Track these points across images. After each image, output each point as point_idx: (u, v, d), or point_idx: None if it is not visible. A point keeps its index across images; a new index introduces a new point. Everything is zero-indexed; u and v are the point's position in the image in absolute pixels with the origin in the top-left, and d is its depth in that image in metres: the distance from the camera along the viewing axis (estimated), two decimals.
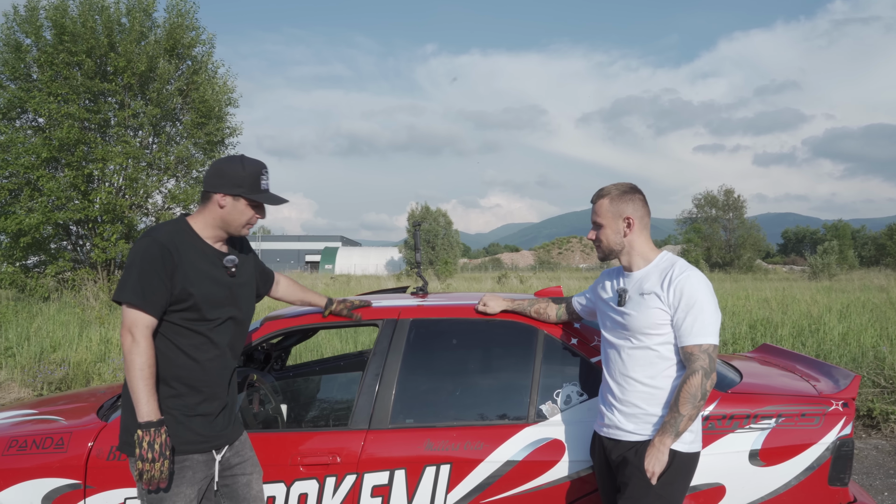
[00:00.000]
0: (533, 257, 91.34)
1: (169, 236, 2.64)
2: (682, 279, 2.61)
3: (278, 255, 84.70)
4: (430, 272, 34.99)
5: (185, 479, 2.67)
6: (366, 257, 77.35)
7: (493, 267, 65.50)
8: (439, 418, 3.29)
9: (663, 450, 2.52)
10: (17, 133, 13.85)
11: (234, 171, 2.68)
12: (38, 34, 14.18)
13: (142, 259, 2.56)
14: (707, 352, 2.55)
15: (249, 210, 2.72)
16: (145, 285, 2.54)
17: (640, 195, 2.79)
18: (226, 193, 2.68)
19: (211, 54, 16.21)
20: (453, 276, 37.96)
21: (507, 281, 24.12)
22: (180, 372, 2.65)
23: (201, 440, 2.71)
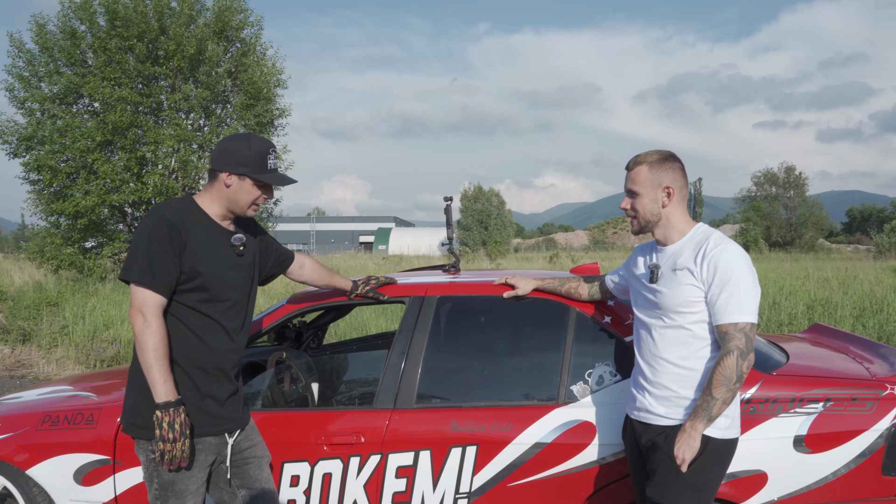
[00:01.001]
0: (587, 237, 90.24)
1: (176, 214, 2.58)
2: (716, 253, 2.44)
3: (332, 236, 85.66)
4: (482, 252, 34.84)
5: (196, 462, 2.63)
6: (419, 238, 77.58)
7: (547, 247, 64.95)
8: (466, 398, 3.19)
9: (694, 435, 2.37)
10: (74, 118, 14.17)
11: (239, 150, 2.61)
12: (92, 20, 14.44)
13: (149, 237, 2.51)
14: (743, 331, 2.38)
15: (255, 190, 2.65)
16: (153, 264, 2.48)
17: (680, 164, 2.62)
18: (231, 172, 2.61)
19: (259, 36, 16.31)
20: (505, 256, 37.72)
21: (558, 261, 23.82)
22: (191, 354, 2.60)
23: (214, 423, 2.67)
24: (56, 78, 14.16)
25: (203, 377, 2.63)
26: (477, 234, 62.06)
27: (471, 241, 60.14)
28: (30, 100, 14.23)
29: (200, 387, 2.63)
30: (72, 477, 3.32)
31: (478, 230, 63.86)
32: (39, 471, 3.36)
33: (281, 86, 16.73)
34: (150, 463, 2.62)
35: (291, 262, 3.10)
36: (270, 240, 3.02)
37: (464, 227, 66.37)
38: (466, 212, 66.88)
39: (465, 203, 67.24)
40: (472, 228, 64.54)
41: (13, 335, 9.87)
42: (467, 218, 66.43)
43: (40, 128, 13.93)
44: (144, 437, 2.60)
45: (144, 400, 2.60)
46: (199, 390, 2.63)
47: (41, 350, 9.40)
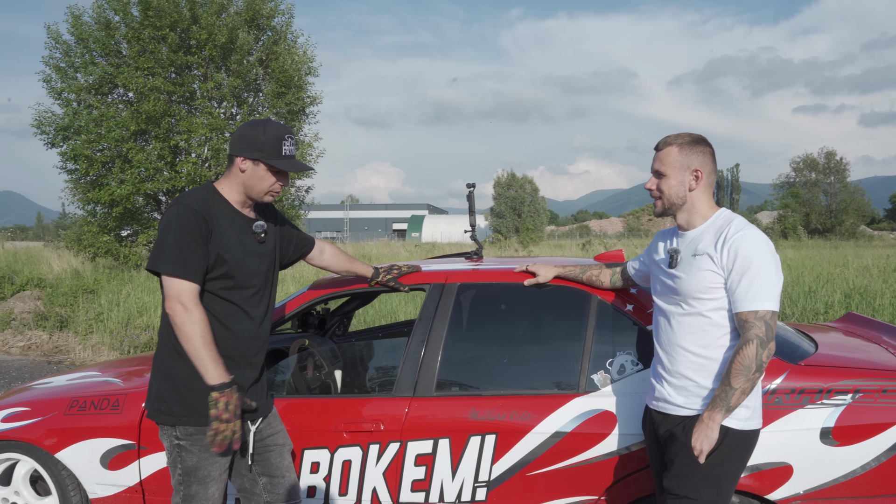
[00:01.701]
0: (622, 224, 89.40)
1: (200, 203, 2.59)
2: (737, 238, 2.38)
3: (366, 224, 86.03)
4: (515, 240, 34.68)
5: None
6: (452, 225, 77.50)
7: (581, 234, 64.49)
8: (485, 386, 3.17)
9: (712, 426, 2.32)
10: (109, 108, 14.39)
11: (254, 135, 2.60)
12: (125, 11, 14.63)
13: (177, 226, 2.51)
14: (764, 319, 2.32)
15: (270, 176, 2.63)
16: (184, 253, 2.49)
17: (711, 149, 2.55)
18: (246, 157, 2.61)
19: (290, 24, 16.36)
20: (538, 243, 37.53)
21: (591, 248, 23.64)
22: (216, 341, 2.60)
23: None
24: (91, 69, 14.39)
25: (228, 365, 2.63)
26: (510, 222, 61.80)
27: (504, 228, 59.94)
28: (66, 90, 14.49)
29: None
30: (98, 461, 3.38)
31: (511, 217, 63.58)
32: (67, 454, 3.43)
33: (312, 73, 16.81)
34: (174, 448, 2.64)
35: (312, 247, 3.10)
36: (290, 226, 3.02)
37: (497, 214, 66.12)
38: (499, 199, 66.59)
39: (498, 190, 66.94)
40: (506, 216, 64.26)
41: (51, 321, 10.09)
42: (500, 205, 66.15)
43: (77, 118, 14.18)
44: (168, 423, 2.63)
45: (169, 386, 2.62)
46: None
47: (77, 336, 9.60)
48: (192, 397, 2.60)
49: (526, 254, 21.99)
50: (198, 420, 2.61)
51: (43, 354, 9.50)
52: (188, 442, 2.62)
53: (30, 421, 3.52)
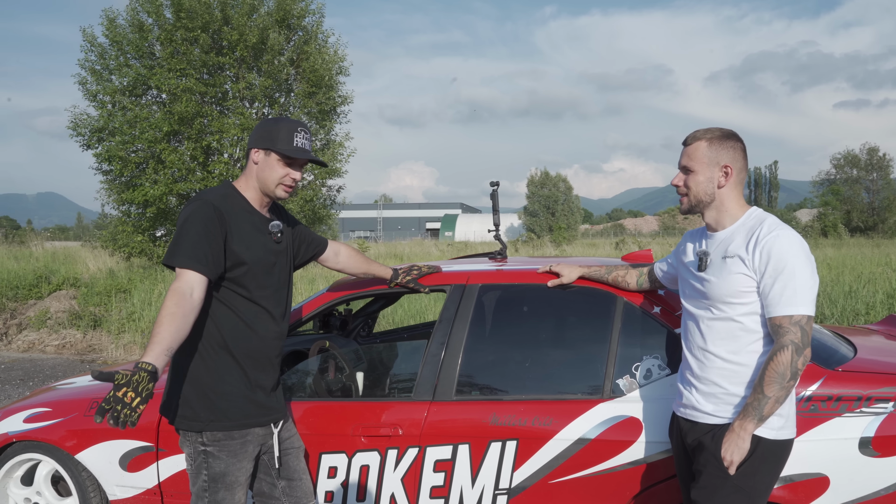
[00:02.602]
0: (657, 223, 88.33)
1: (220, 199, 2.56)
2: (770, 239, 2.25)
3: (399, 223, 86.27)
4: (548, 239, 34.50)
5: (246, 454, 2.61)
6: (485, 224, 77.28)
7: (615, 233, 63.88)
8: (506, 390, 3.08)
9: (744, 436, 2.19)
10: (143, 109, 14.56)
11: (268, 127, 2.60)
12: (158, 13, 14.79)
13: (194, 221, 2.46)
14: (799, 324, 2.19)
15: (282, 167, 2.59)
16: (198, 246, 2.43)
17: (742, 144, 2.43)
18: (258, 148, 2.60)
19: (321, 24, 16.40)
20: (572, 242, 37.23)
21: (624, 247, 23.34)
22: (242, 342, 2.57)
23: (263, 413, 2.65)
24: (125, 70, 14.57)
25: (253, 366, 2.60)
26: (544, 220, 61.50)
27: (537, 227, 59.65)
28: (101, 93, 14.69)
29: (251, 376, 2.60)
30: (117, 462, 3.36)
31: (544, 216, 63.25)
32: (87, 456, 3.42)
33: (343, 73, 16.83)
34: (198, 455, 2.58)
35: (325, 249, 3.04)
36: (302, 227, 2.98)
37: (530, 213, 65.83)
38: (533, 198, 66.30)
39: (532, 189, 66.66)
40: (539, 214, 63.96)
41: (85, 320, 10.22)
42: (534, 204, 65.85)
43: (111, 120, 14.37)
44: (195, 430, 2.57)
45: (195, 391, 2.57)
46: (250, 380, 2.60)
47: (110, 335, 9.71)
48: (221, 402, 2.56)
49: (558, 253, 21.80)
50: (226, 425, 2.57)
51: (76, 353, 9.63)
52: (216, 448, 2.57)
53: (51, 422, 3.51)
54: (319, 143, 17.09)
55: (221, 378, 2.55)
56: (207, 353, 2.55)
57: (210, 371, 2.55)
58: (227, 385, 2.55)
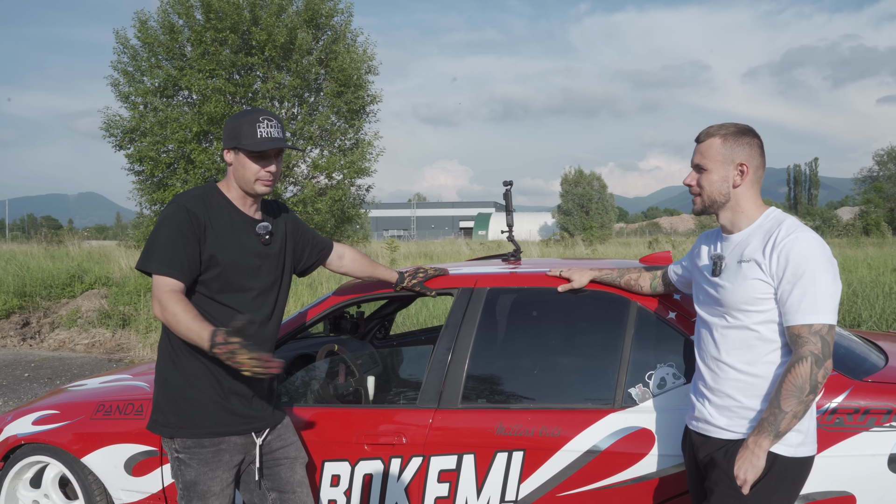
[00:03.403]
0: (693, 221, 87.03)
1: (196, 201, 2.48)
2: (788, 242, 2.10)
3: (433, 222, 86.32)
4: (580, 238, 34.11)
5: (220, 463, 2.52)
6: (519, 223, 76.94)
7: (651, 231, 63.09)
8: (514, 399, 2.96)
9: (758, 453, 2.05)
10: (173, 110, 14.70)
11: (231, 124, 2.50)
12: (188, 14, 14.92)
13: (167, 225, 2.41)
14: (819, 333, 2.04)
15: (252, 163, 2.48)
16: (172, 250, 2.37)
17: (759, 141, 2.27)
18: (227, 148, 2.52)
19: (349, 23, 16.40)
20: (606, 241, 36.78)
21: (657, 246, 22.94)
22: None
23: (239, 421, 2.55)
24: (156, 72, 14.72)
25: (226, 373, 2.50)
26: (577, 219, 61.00)
27: (571, 225, 59.20)
28: (133, 94, 14.86)
29: (223, 383, 2.51)
30: (122, 466, 3.32)
31: (578, 215, 62.73)
32: (93, 459, 3.38)
33: (372, 72, 16.81)
34: (173, 461, 2.54)
35: (330, 252, 2.95)
36: (306, 229, 2.88)
37: (564, 211, 65.36)
38: (567, 196, 65.82)
39: (566, 187, 66.17)
40: (573, 213, 63.47)
41: (114, 320, 10.32)
42: (567, 203, 65.36)
43: (143, 120, 14.53)
44: (167, 435, 2.52)
45: (166, 396, 2.52)
46: (223, 387, 2.51)
47: (138, 335, 9.78)
48: (189, 408, 2.49)
49: (589, 252, 21.51)
50: (195, 432, 2.49)
51: (105, 352, 9.71)
52: (186, 455, 2.50)
53: (58, 424, 3.49)
54: (349, 143, 17.11)
55: (191, 384, 2.47)
56: (179, 357, 2.49)
57: (180, 376, 2.49)
58: (197, 391, 2.47)
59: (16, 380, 8.03)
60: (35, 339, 10.59)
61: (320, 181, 16.74)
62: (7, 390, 7.53)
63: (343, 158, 16.42)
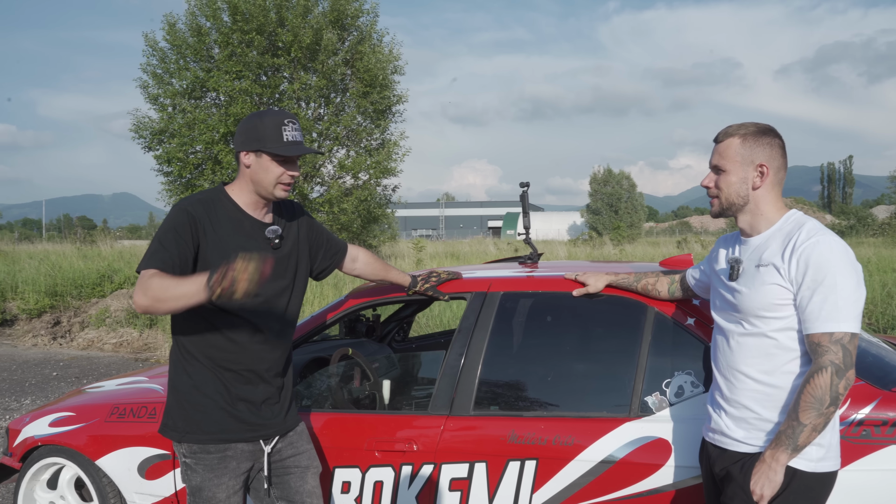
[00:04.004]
0: (724, 220, 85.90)
1: (199, 205, 2.43)
2: (808, 246, 2.01)
3: (461, 221, 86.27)
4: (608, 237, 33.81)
5: (227, 470, 2.48)
6: (547, 222, 76.62)
7: (681, 231, 62.36)
8: (527, 406, 2.89)
9: (775, 467, 1.96)
10: (201, 111, 14.83)
11: (252, 126, 2.42)
12: (216, 16, 15.03)
13: (166, 228, 2.36)
14: (841, 342, 1.94)
15: (276, 166, 2.42)
16: (163, 249, 2.31)
17: (780, 141, 2.18)
18: (248, 150, 2.43)
19: (375, 23, 16.41)
20: (635, 240, 36.42)
21: (686, 245, 22.64)
22: (218, 354, 2.44)
23: (246, 428, 2.50)
24: (184, 73, 14.86)
25: (233, 379, 2.47)
26: (607, 219, 60.57)
27: (600, 225, 58.77)
28: (162, 95, 15.02)
29: (231, 389, 2.47)
30: (136, 470, 3.31)
31: (607, 214, 62.29)
32: (107, 462, 3.38)
33: (398, 72, 16.80)
34: (183, 466, 2.52)
35: (345, 254, 2.89)
36: (321, 230, 2.82)
37: (593, 211, 64.95)
38: (595, 195, 65.39)
39: (595, 187, 65.77)
40: (602, 212, 63.04)
41: (141, 319, 10.42)
42: (596, 202, 64.94)
43: (171, 122, 14.67)
44: (175, 440, 2.50)
45: (174, 400, 2.50)
46: (230, 393, 2.47)
47: (165, 334, 9.86)
48: (195, 413, 2.46)
49: (617, 252, 21.29)
50: (200, 438, 2.46)
51: (132, 351, 9.81)
52: (192, 460, 2.48)
53: (73, 426, 3.49)
54: (375, 143, 17.11)
55: (197, 388, 2.44)
56: (186, 362, 2.46)
57: (187, 381, 2.46)
58: (203, 396, 2.44)
59: (44, 378, 8.14)
60: (65, 339, 10.75)
61: (346, 181, 16.77)
62: (35, 389, 7.63)
63: (369, 159, 16.43)
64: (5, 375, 8.30)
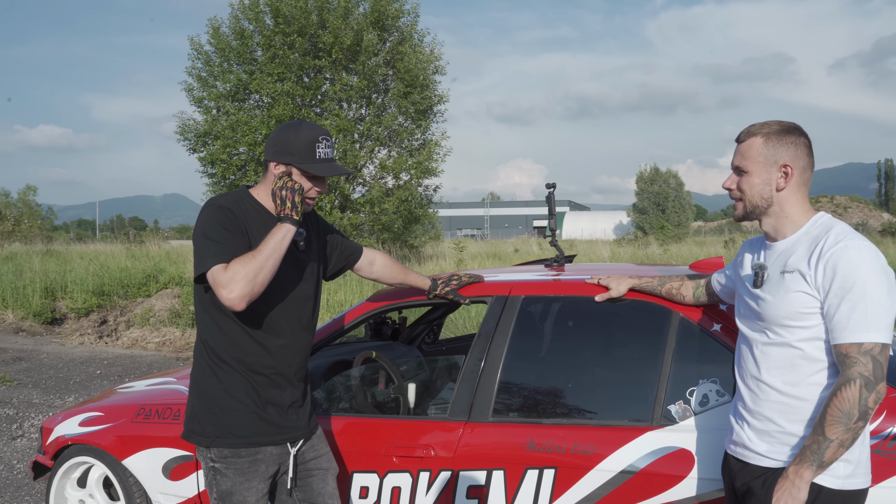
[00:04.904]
0: None
1: (232, 203, 2.42)
2: (836, 251, 1.90)
3: (506, 221, 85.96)
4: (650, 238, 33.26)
5: (257, 473, 2.48)
6: (593, 222, 75.88)
7: (730, 230, 61.09)
8: (546, 413, 2.82)
9: (799, 484, 1.85)
10: (244, 113, 15.03)
11: (286, 139, 2.40)
12: (258, 19, 15.22)
13: (210, 226, 2.32)
14: (870, 353, 1.83)
15: (305, 181, 2.42)
16: (224, 246, 2.28)
17: (806, 140, 2.08)
18: (279, 162, 2.41)
19: (416, 24, 16.42)
20: (682, 240, 35.76)
21: (733, 245, 22.14)
22: (249, 357, 2.44)
23: (276, 431, 2.50)
24: (227, 76, 15.08)
25: (264, 383, 2.47)
26: (653, 218, 59.69)
27: (647, 224, 57.94)
28: (206, 98, 15.27)
29: (261, 393, 2.47)
30: (160, 470, 3.34)
31: (654, 213, 61.38)
32: (133, 462, 3.41)
33: (439, 72, 16.78)
34: (209, 471, 2.50)
35: (359, 257, 2.87)
36: (335, 233, 2.82)
37: (640, 210, 64.07)
38: (642, 194, 64.50)
39: (641, 185, 64.87)
40: (649, 211, 62.14)
41: (184, 319, 10.59)
42: (643, 201, 64.04)
43: (215, 124, 14.90)
44: (203, 445, 2.49)
45: (202, 405, 2.49)
46: (260, 397, 2.47)
47: None
48: (226, 417, 2.45)
49: (662, 252, 20.91)
50: (232, 442, 2.45)
51: (174, 351, 9.98)
52: (223, 465, 2.47)
53: (102, 426, 3.54)
54: (416, 143, 17.12)
55: (228, 393, 2.43)
56: (216, 366, 2.45)
57: (217, 385, 2.45)
58: (234, 401, 2.43)
59: (88, 377, 8.32)
60: (111, 337, 10.98)
61: (388, 182, 16.82)
62: (79, 387, 7.81)
63: (410, 159, 16.45)
64: (52, 373, 8.52)
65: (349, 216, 15.70)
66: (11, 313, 12.08)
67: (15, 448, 5.71)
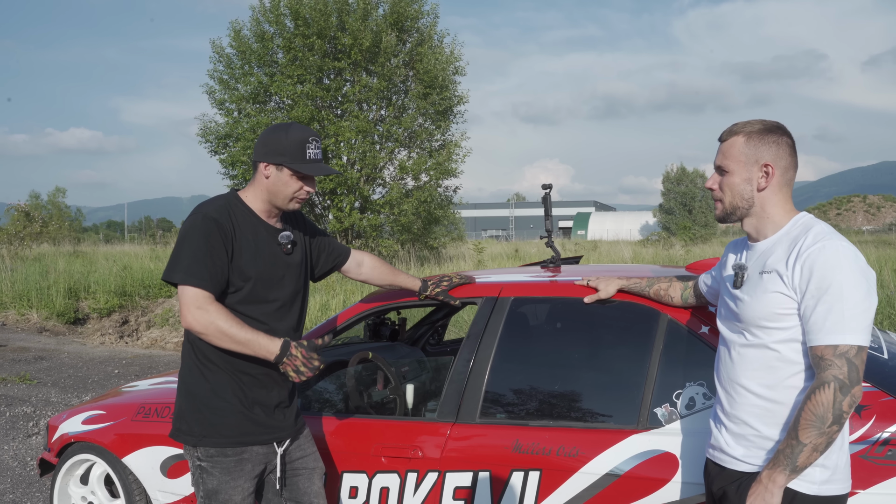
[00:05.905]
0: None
1: (220, 211, 2.45)
2: (813, 252, 1.86)
3: (531, 222, 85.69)
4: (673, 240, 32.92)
5: (243, 472, 2.51)
6: (619, 222, 75.38)
7: None
8: (532, 415, 2.80)
9: (772, 489, 1.82)
10: (265, 116, 15.14)
11: (276, 140, 2.44)
12: (279, 22, 15.34)
13: (192, 235, 2.38)
14: (846, 356, 1.79)
15: (295, 182, 2.46)
16: (200, 261, 2.34)
17: (789, 139, 2.04)
18: (269, 163, 2.45)
19: (435, 24, 16.42)
20: (709, 240, 35.37)
21: None
22: (237, 359, 2.46)
23: (262, 431, 2.53)
24: (248, 79, 15.22)
25: (251, 383, 2.50)
26: (680, 218, 59.16)
27: (673, 224, 57.44)
28: (228, 100, 15.41)
29: (248, 393, 2.50)
30: (159, 468, 3.38)
31: (681, 213, 60.83)
32: (133, 460, 3.46)
33: (459, 73, 16.77)
34: (196, 469, 2.54)
35: (346, 259, 2.89)
36: (322, 235, 2.84)
37: (666, 210, 63.54)
38: (668, 195, 63.96)
39: (668, 185, 64.35)
40: (675, 212, 61.59)
41: None
42: (669, 201, 63.51)
43: (236, 126, 15.04)
44: (189, 444, 2.53)
45: (190, 404, 2.52)
46: (247, 397, 2.50)
47: None
48: (214, 417, 2.48)
49: (684, 253, 20.70)
50: (219, 441, 2.48)
51: None
52: (209, 464, 2.50)
53: (103, 424, 3.59)
54: (436, 144, 17.13)
55: (215, 393, 2.47)
56: (203, 366, 2.48)
57: (204, 385, 2.48)
58: (221, 400, 2.47)
59: (106, 376, 8.45)
60: (131, 337, 11.14)
61: (407, 183, 16.86)
62: (96, 386, 7.93)
63: (430, 160, 16.47)
64: (71, 372, 8.66)
65: (369, 217, 15.74)
66: (36, 313, 12.29)
67: (30, 445, 5.82)
